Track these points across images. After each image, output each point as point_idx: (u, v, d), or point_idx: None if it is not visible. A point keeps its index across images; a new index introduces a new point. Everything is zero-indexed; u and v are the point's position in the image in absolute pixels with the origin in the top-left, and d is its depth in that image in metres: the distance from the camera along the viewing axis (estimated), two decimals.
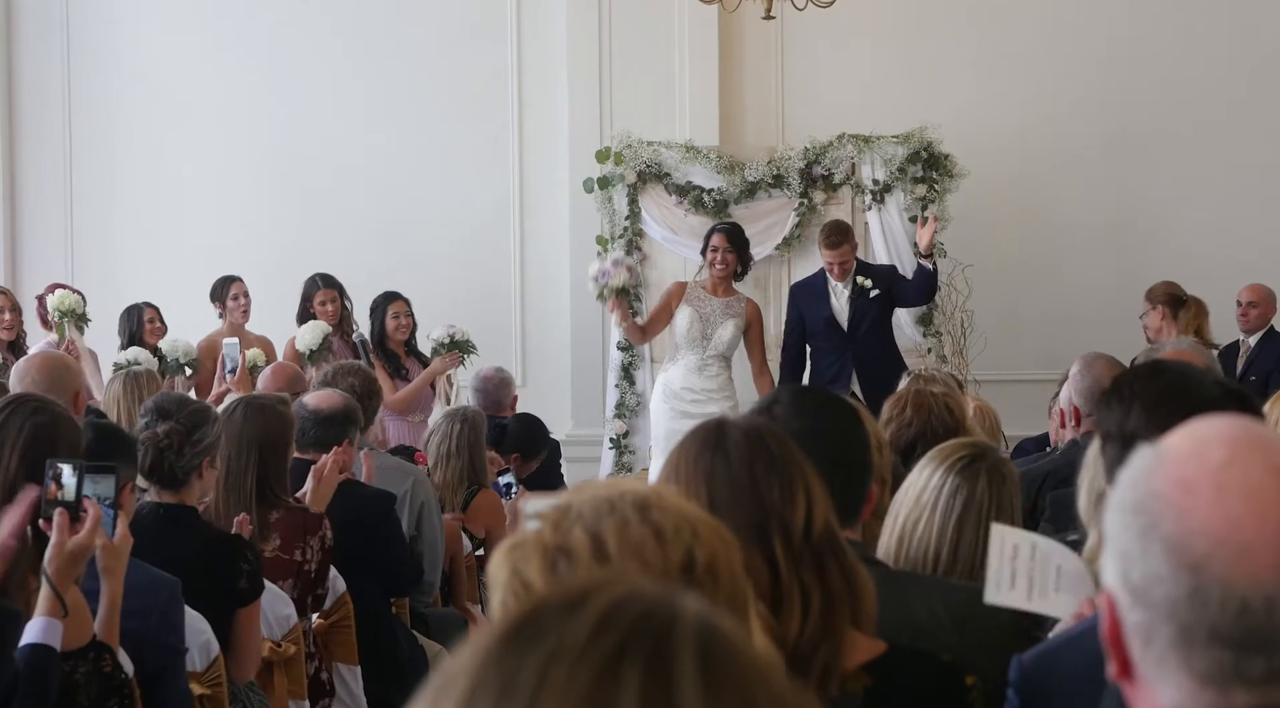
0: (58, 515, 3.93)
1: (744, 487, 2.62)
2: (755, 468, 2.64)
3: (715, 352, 10.30)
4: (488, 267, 12.59)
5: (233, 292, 10.87)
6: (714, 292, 10.37)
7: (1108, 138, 12.48)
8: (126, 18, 12.93)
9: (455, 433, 7.84)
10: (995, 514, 3.84)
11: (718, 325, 10.29)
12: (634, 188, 11.36)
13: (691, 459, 2.67)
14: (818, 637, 2.56)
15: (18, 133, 12.97)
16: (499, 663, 1.27)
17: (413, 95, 12.70)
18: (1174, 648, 1.55)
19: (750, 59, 12.55)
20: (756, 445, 2.67)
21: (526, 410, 9.90)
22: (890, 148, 11.17)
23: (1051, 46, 12.53)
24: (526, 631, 1.29)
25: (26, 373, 6.23)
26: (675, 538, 1.98)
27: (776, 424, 2.90)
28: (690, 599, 1.31)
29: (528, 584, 1.95)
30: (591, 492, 2.04)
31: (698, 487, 2.63)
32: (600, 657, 1.25)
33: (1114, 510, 1.63)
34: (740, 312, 10.37)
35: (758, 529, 2.60)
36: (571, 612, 1.29)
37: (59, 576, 3.89)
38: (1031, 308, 12.42)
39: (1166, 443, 1.64)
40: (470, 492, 7.78)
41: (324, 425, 6.32)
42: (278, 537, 5.68)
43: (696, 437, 2.71)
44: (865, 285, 10.31)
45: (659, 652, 1.26)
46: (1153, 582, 1.56)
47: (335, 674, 5.95)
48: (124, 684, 4.04)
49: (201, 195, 12.78)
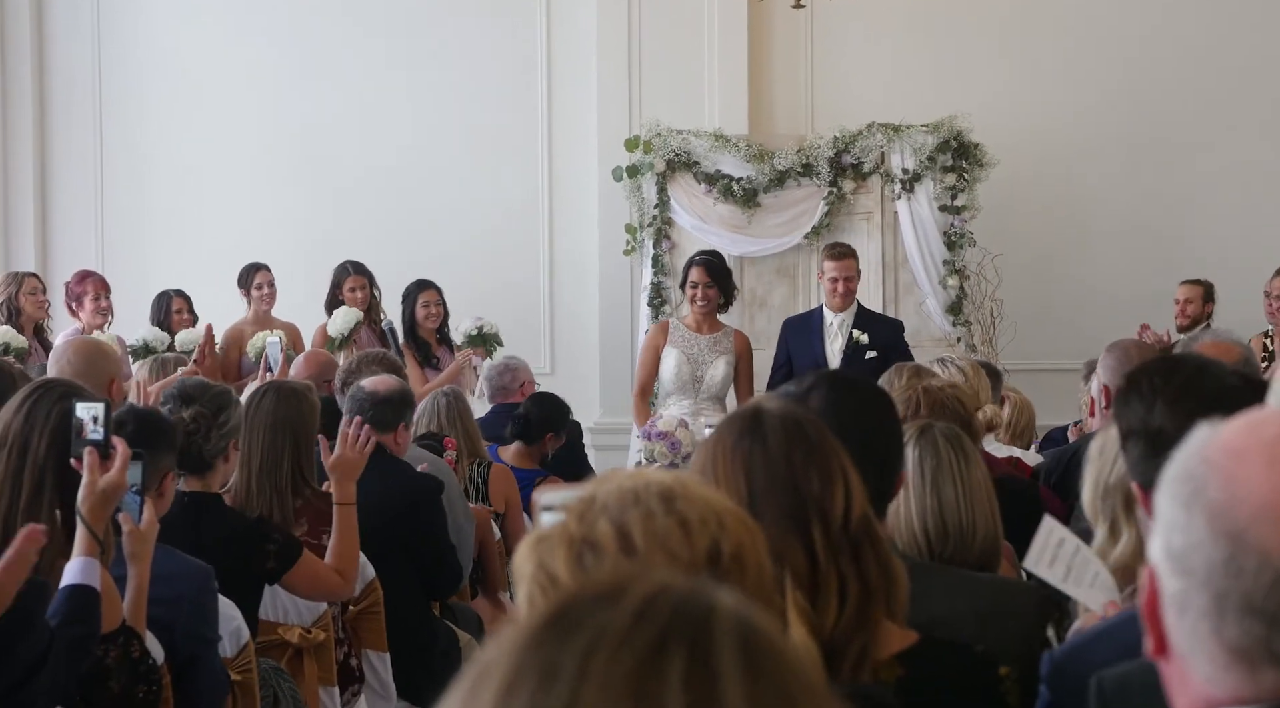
0: (88, 454, 3.96)
1: (782, 475, 2.62)
2: (793, 456, 2.63)
3: (709, 394, 9.57)
4: (517, 255, 12.59)
5: (258, 280, 10.91)
6: (698, 329, 9.68)
7: (1137, 128, 12.44)
8: (156, 7, 12.95)
9: (443, 409, 7.90)
10: (965, 469, 3.89)
11: (707, 366, 9.58)
12: (663, 177, 11.34)
13: (729, 448, 2.67)
14: (853, 626, 2.56)
15: (49, 122, 13.01)
16: (538, 652, 1.26)
17: (442, 84, 12.70)
18: (1206, 617, 1.55)
19: (780, 47, 12.53)
20: (794, 433, 2.66)
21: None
22: (920, 137, 11.13)
23: (1082, 36, 12.48)
24: (564, 620, 1.28)
25: (62, 357, 6.25)
26: (701, 528, 1.97)
27: (811, 411, 2.89)
28: (725, 593, 1.31)
29: (554, 578, 1.94)
30: (616, 483, 2.03)
31: (735, 476, 2.63)
32: (642, 646, 1.25)
33: (1164, 482, 1.62)
34: (729, 348, 9.65)
35: (796, 518, 2.59)
36: (609, 602, 1.29)
37: (92, 514, 3.92)
38: (1061, 297, 12.38)
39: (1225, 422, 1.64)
40: (482, 469, 7.83)
41: (381, 407, 6.33)
42: (305, 523, 5.69)
43: (733, 425, 2.71)
44: (861, 342, 9.52)
45: (699, 642, 1.25)
46: (1192, 548, 1.56)
47: (365, 661, 5.96)
48: (152, 670, 4.06)
49: (230, 184, 12.80)
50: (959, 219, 11.09)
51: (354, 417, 5.93)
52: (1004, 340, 11.41)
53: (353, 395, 6.43)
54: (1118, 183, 12.45)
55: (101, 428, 4.01)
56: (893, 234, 11.18)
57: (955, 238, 11.10)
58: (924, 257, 11.09)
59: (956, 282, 11.08)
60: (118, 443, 4.00)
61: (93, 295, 10.42)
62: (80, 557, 3.88)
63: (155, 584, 4.17)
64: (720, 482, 2.65)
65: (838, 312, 9.63)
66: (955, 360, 6.95)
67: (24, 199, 12.87)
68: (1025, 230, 12.11)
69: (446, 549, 6.51)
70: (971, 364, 6.98)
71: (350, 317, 10.27)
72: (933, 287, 11.09)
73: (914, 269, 11.14)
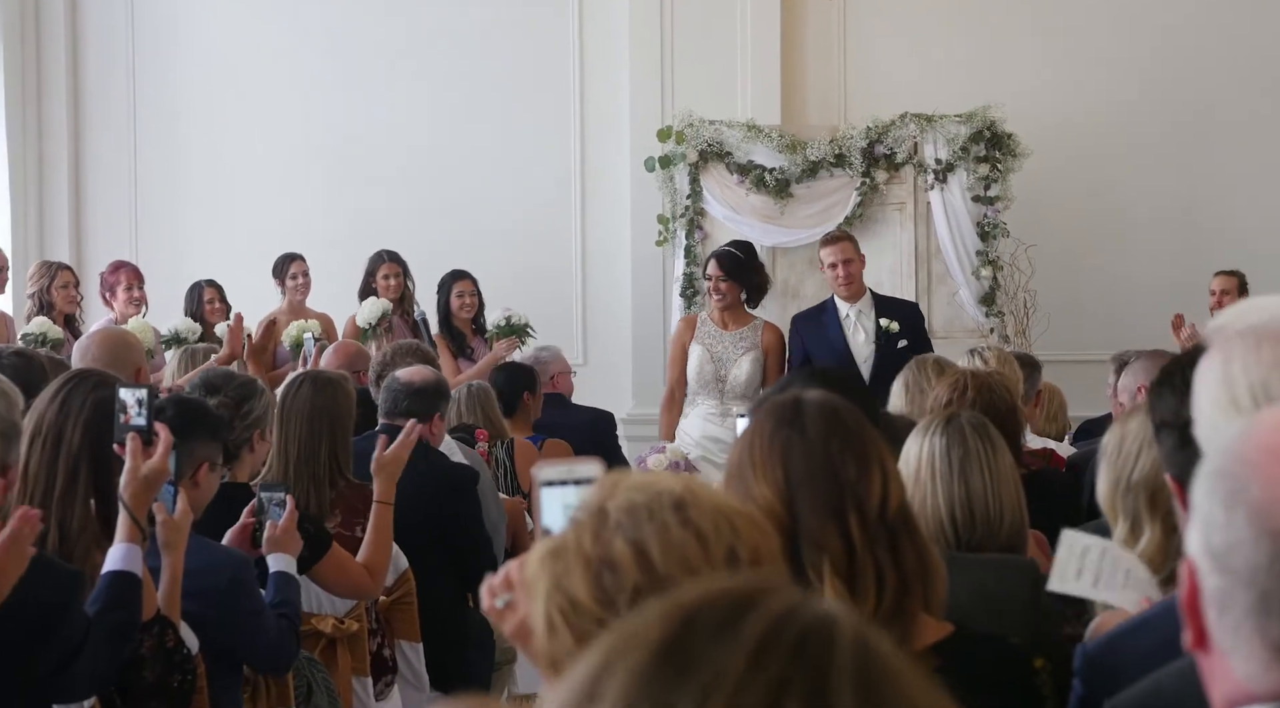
0: (130, 440, 3.98)
1: (820, 464, 2.63)
2: (831, 445, 2.64)
3: (734, 394, 9.10)
4: (549, 246, 12.59)
5: (292, 270, 10.94)
6: (723, 324, 9.32)
7: (1172, 118, 12.38)
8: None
9: (464, 398, 7.97)
10: (992, 458, 3.89)
11: (731, 364, 9.19)
12: (695, 167, 11.32)
13: (767, 436, 2.67)
14: (890, 616, 2.57)
15: (83, 112, 13.05)
16: (653, 689, 1.25)
17: (475, 74, 12.71)
18: (1250, 616, 1.54)
19: (812, 37, 12.50)
20: (833, 422, 2.67)
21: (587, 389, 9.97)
22: (953, 127, 11.09)
23: (1116, 26, 12.43)
24: (678, 656, 1.26)
25: (88, 349, 6.27)
26: (716, 537, 1.97)
27: None
28: (845, 623, 1.29)
29: (575, 601, 1.93)
30: (626, 496, 2.01)
31: (773, 464, 2.64)
32: (761, 691, 1.23)
33: (1201, 478, 1.62)
34: (756, 342, 9.25)
35: (833, 506, 2.60)
36: (725, 636, 1.27)
37: (135, 500, 3.94)
38: (1094, 288, 12.33)
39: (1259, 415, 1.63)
40: (506, 447, 7.89)
41: (416, 397, 6.34)
42: (338, 514, 5.70)
43: (772, 413, 2.71)
44: (891, 329, 9.04)
45: (818, 687, 1.24)
46: (1234, 547, 1.55)
47: (398, 651, 5.97)
48: (187, 659, 4.08)
49: (264, 174, 12.83)
50: (992, 210, 11.05)
51: (394, 409, 5.97)
52: (1037, 331, 11.37)
53: (388, 386, 6.44)
54: (1152, 173, 12.39)
55: (145, 414, 4.02)
56: (925, 225, 11.15)
57: (988, 228, 11.06)
58: (957, 247, 11.06)
59: (990, 272, 11.04)
60: (160, 429, 4.02)
61: (125, 285, 10.47)
62: (122, 543, 3.89)
63: (190, 577, 4.19)
64: (758, 470, 2.66)
65: (850, 301, 9.17)
66: (985, 351, 6.93)
67: (59, 190, 12.91)
68: (1059, 221, 12.06)
69: (483, 540, 6.52)
70: (1001, 355, 6.96)
71: (378, 307, 10.28)
72: (965, 277, 11.06)
73: (947, 260, 11.10)
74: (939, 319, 10.99)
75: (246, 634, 4.57)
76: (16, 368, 5.33)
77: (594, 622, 1.90)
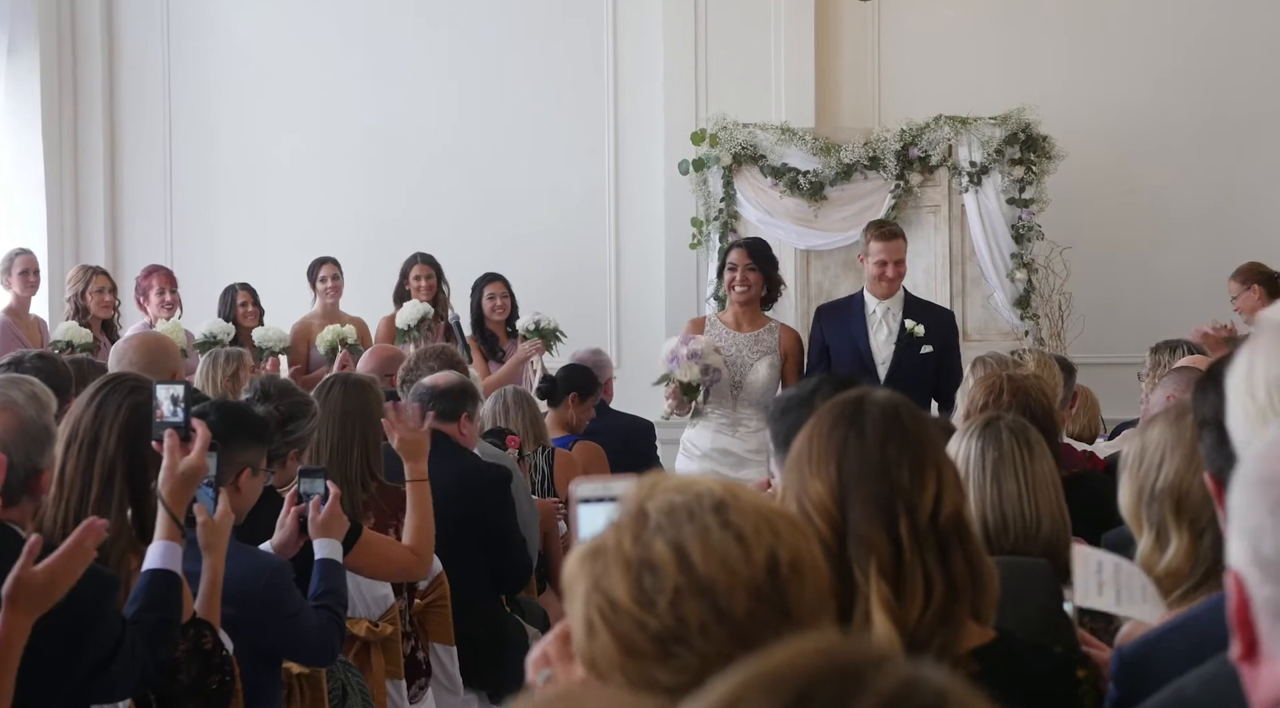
0: (168, 437, 3.98)
1: (874, 465, 2.63)
2: (888, 447, 2.65)
3: (749, 401, 8.30)
4: (583, 249, 12.60)
5: (323, 273, 10.99)
6: (738, 326, 8.48)
7: (1207, 119, 12.33)
8: (226, 1, 13.03)
9: (508, 406, 7.97)
10: (1029, 462, 3.88)
11: (747, 369, 8.35)
12: (729, 170, 11.32)
13: (825, 433, 2.68)
14: (937, 623, 2.56)
15: (118, 115, 13.10)
16: None
17: (509, 77, 12.72)
18: None
19: (846, 40, 12.48)
20: (893, 423, 2.67)
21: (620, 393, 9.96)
22: (988, 129, 11.07)
23: (1149, 27, 12.38)
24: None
25: (125, 353, 6.30)
26: (757, 539, 1.95)
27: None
28: (956, 691, 1.29)
29: (614, 602, 1.92)
30: (666, 497, 1.99)
31: (828, 461, 2.64)
32: None
33: (1241, 487, 1.59)
34: (774, 346, 8.42)
35: (884, 508, 2.60)
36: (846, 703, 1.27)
37: (173, 497, 3.94)
38: (1130, 290, 12.28)
39: None
40: (546, 455, 7.89)
41: (441, 398, 6.35)
42: (372, 516, 5.71)
43: (833, 410, 2.72)
44: (916, 333, 8.46)
45: None
46: None
47: (432, 654, 5.99)
48: (225, 662, 4.08)
49: (298, 178, 12.86)
50: (1027, 212, 11.02)
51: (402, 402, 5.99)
52: (1072, 334, 11.34)
53: (414, 392, 6.47)
54: (1188, 173, 12.34)
55: (181, 410, 4.03)
56: (960, 227, 11.13)
57: (1023, 231, 11.04)
58: (991, 250, 11.03)
59: (1024, 275, 11.02)
60: (197, 425, 4.03)
61: (158, 289, 10.53)
62: (161, 541, 3.90)
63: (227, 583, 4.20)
64: (813, 464, 2.66)
65: (883, 298, 8.53)
66: (1024, 354, 6.90)
67: (95, 194, 12.96)
68: (1094, 222, 12.02)
69: (515, 541, 6.51)
70: (1041, 358, 6.93)
71: (417, 310, 10.31)
72: (1000, 280, 11.03)
73: (981, 263, 11.08)
74: (974, 322, 10.96)
75: (285, 636, 4.59)
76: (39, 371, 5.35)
77: (633, 623, 1.90)
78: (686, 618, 1.88)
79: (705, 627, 1.88)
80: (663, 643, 1.88)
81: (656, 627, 1.88)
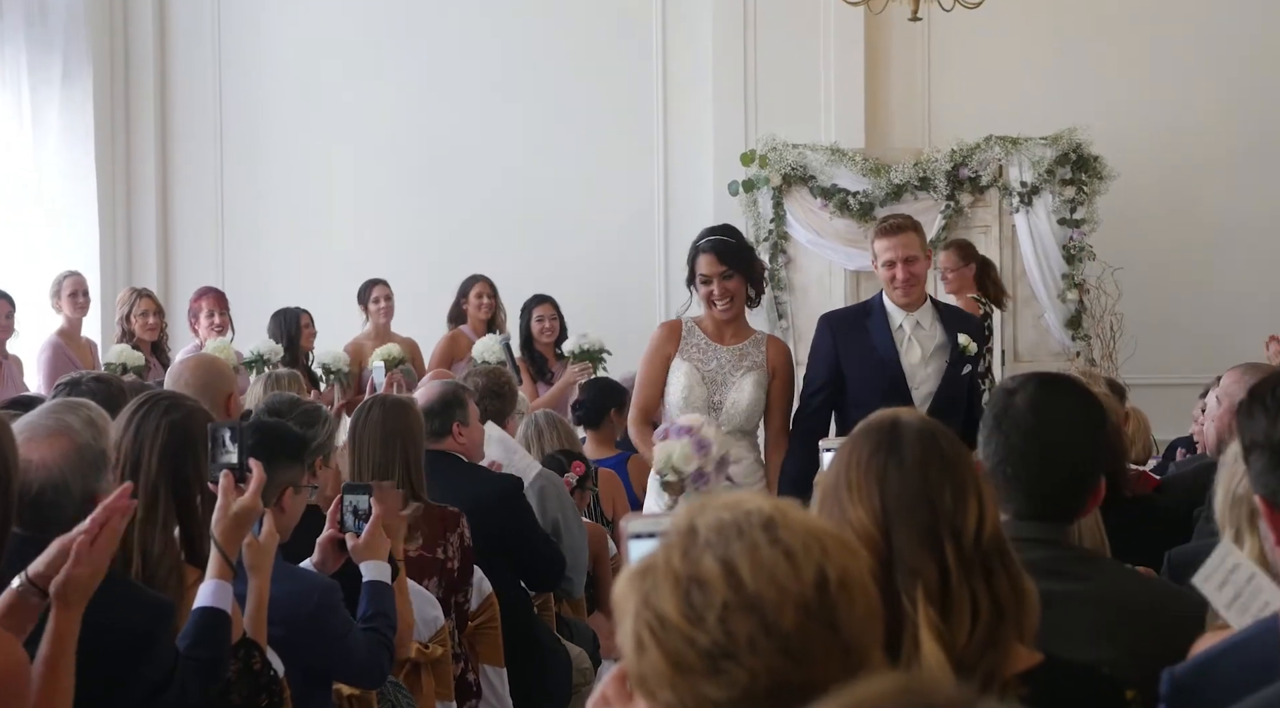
0: (223, 477, 3.99)
1: (917, 491, 2.63)
2: (929, 472, 2.64)
3: (731, 424, 6.76)
4: (633, 269, 12.62)
5: (375, 294, 11.09)
6: (719, 337, 6.93)
7: (1258, 138, 12.26)
8: (278, 24, 13.12)
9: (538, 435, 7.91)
10: None
11: (729, 387, 6.85)
12: (779, 191, 11.32)
13: (864, 461, 2.67)
14: (984, 645, 2.55)
15: (170, 138, 13.20)
16: None
17: (559, 100, 12.76)
18: None
19: (896, 60, 12.47)
20: (930, 447, 2.67)
21: None
22: (1038, 149, 11.04)
23: (1200, 46, 12.33)
24: None
25: (180, 375, 6.31)
26: (806, 557, 1.95)
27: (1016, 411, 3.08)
28: None
29: (663, 618, 1.93)
30: (715, 514, 2.00)
31: (870, 490, 2.64)
32: None
33: None
34: (759, 361, 6.93)
35: (929, 534, 2.60)
36: None
37: (226, 537, 3.94)
38: (1182, 311, 12.22)
39: None
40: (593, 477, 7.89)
41: (428, 418, 6.23)
42: (420, 535, 5.71)
43: (869, 437, 2.71)
44: (968, 351, 6.84)
45: None
46: None
47: (481, 675, 5.98)
48: (274, 681, 4.09)
49: (350, 199, 12.93)
50: (1078, 232, 10.98)
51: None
52: (1124, 355, 11.28)
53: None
54: (1241, 191, 12.27)
55: (236, 449, 4.04)
56: (1011, 248, 11.08)
57: (1074, 251, 10.99)
58: (1042, 270, 10.99)
59: (1076, 296, 10.97)
60: (254, 465, 4.03)
61: (206, 311, 10.61)
62: (213, 580, 3.91)
63: (275, 604, 4.20)
64: (854, 493, 2.66)
65: (907, 309, 6.88)
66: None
67: (147, 216, 13.06)
68: (1146, 242, 11.96)
69: (540, 540, 6.46)
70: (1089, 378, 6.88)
71: (496, 348, 10.25)
72: (1051, 301, 10.99)
73: (1032, 283, 11.04)
74: (1024, 343, 10.92)
75: (334, 657, 4.59)
76: (95, 393, 5.36)
77: (682, 639, 1.90)
78: (735, 634, 1.88)
79: (754, 642, 1.88)
80: (712, 659, 1.89)
81: (705, 642, 1.89)
